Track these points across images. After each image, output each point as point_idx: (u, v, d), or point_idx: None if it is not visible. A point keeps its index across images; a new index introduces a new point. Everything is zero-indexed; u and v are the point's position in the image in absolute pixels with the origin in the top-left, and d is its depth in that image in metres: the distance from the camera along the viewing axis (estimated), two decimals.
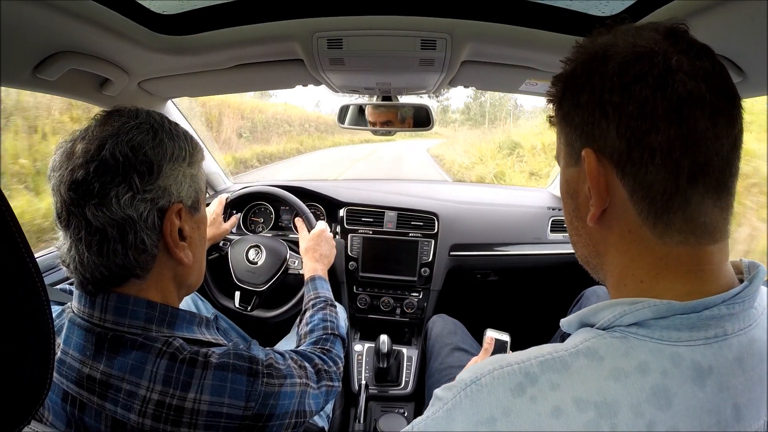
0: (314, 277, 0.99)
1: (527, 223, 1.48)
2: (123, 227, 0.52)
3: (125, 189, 0.51)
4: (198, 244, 0.62)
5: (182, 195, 0.57)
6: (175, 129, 0.58)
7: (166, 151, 0.55)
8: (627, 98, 0.35)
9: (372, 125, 1.32)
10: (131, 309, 0.53)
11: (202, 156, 0.63)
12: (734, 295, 0.34)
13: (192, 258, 0.59)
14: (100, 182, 0.50)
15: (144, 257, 0.54)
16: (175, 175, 0.56)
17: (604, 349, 0.34)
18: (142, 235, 0.53)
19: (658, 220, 0.36)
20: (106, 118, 0.55)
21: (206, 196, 1.33)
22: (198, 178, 0.61)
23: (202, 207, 0.63)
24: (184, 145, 0.58)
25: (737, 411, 0.33)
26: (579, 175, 0.40)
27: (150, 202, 0.53)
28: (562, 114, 0.41)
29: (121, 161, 0.51)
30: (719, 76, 0.35)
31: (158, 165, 0.54)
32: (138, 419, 0.50)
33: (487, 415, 0.34)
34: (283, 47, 0.87)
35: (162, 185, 0.54)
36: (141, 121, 0.55)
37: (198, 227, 0.62)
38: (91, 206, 0.50)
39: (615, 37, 0.38)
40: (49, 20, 0.64)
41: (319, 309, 0.88)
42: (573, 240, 0.45)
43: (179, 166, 0.57)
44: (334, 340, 0.81)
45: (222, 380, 0.53)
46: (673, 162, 0.34)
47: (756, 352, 0.34)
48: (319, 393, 0.67)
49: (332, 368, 0.73)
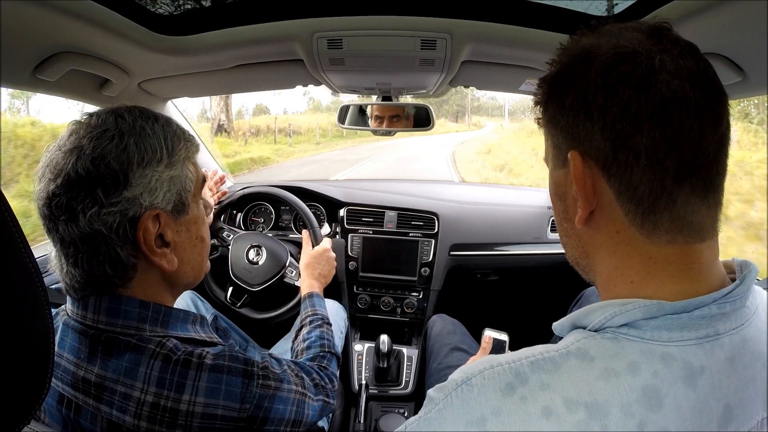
0: (312, 294, 0.98)
1: (527, 223, 1.48)
2: (93, 241, 0.50)
3: (90, 203, 0.49)
4: (189, 248, 0.60)
5: (157, 201, 0.54)
6: (151, 128, 0.54)
7: (133, 158, 0.52)
8: (611, 100, 0.35)
9: (379, 120, 1.32)
10: (124, 309, 0.53)
11: (188, 152, 0.58)
12: (725, 295, 0.34)
13: (176, 262, 0.57)
14: (67, 197, 0.49)
15: (120, 268, 0.53)
16: (146, 182, 0.52)
17: (594, 350, 0.34)
18: (114, 247, 0.51)
19: (646, 220, 0.36)
20: (75, 128, 0.53)
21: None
22: (180, 179, 0.56)
23: (191, 207, 0.59)
24: (159, 146, 0.54)
25: (729, 411, 0.33)
26: (566, 177, 0.40)
27: (119, 214, 0.51)
28: (548, 116, 0.41)
29: (83, 176, 0.49)
30: (704, 74, 0.35)
31: (124, 174, 0.51)
32: (133, 421, 0.50)
33: (477, 415, 0.34)
34: (284, 47, 0.87)
35: (130, 195, 0.51)
36: (107, 128, 0.52)
37: (187, 229, 0.59)
38: (61, 221, 0.50)
39: (598, 37, 0.38)
40: (49, 21, 0.64)
41: (317, 326, 0.88)
42: (563, 241, 0.45)
43: (152, 170, 0.53)
44: (331, 358, 0.81)
45: (217, 382, 0.53)
46: (659, 163, 0.34)
47: (748, 352, 0.34)
48: (316, 405, 0.67)
49: (329, 385, 0.73)
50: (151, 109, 0.58)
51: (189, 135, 0.59)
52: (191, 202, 0.59)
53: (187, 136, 0.59)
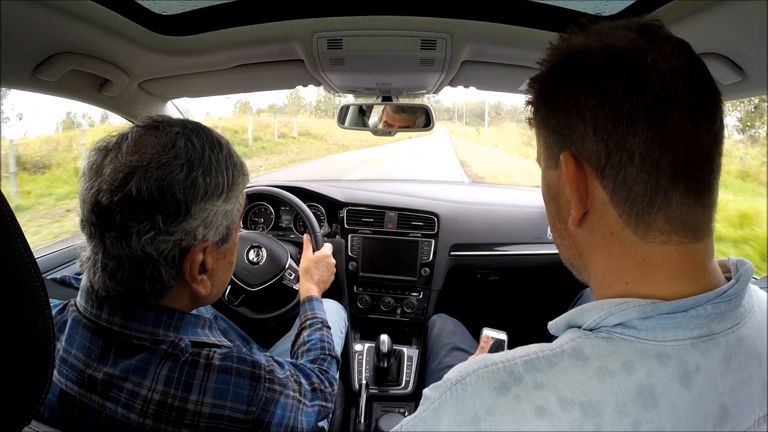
0: (311, 297, 0.99)
1: (527, 223, 1.48)
2: (140, 262, 0.50)
3: (147, 227, 0.49)
4: (221, 272, 0.60)
5: (209, 235, 0.54)
6: (216, 159, 0.53)
7: (198, 191, 0.51)
8: (602, 100, 0.34)
9: (388, 127, 1.32)
10: (140, 314, 0.53)
11: (244, 184, 0.58)
12: (720, 294, 0.34)
13: (210, 287, 0.58)
14: (122, 215, 0.48)
15: (159, 288, 0.53)
16: (205, 216, 0.52)
17: (589, 349, 0.34)
18: (159, 269, 0.51)
19: (640, 221, 0.35)
20: (141, 138, 0.51)
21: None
22: (232, 213, 0.57)
23: (232, 236, 0.60)
24: (222, 180, 0.53)
25: (725, 410, 0.33)
26: (559, 179, 0.39)
27: (172, 243, 0.51)
28: (540, 117, 0.41)
29: (146, 199, 0.48)
30: (696, 72, 0.34)
31: (186, 207, 0.50)
32: (139, 419, 0.50)
33: (471, 414, 0.34)
34: (284, 47, 0.87)
35: (188, 227, 0.51)
36: (177, 153, 0.50)
37: (224, 256, 0.60)
38: (110, 235, 0.49)
39: (588, 36, 0.37)
40: (49, 21, 0.64)
41: (317, 329, 0.88)
42: (557, 242, 0.45)
43: (212, 204, 0.53)
44: (331, 361, 0.81)
45: (225, 383, 0.53)
46: (653, 163, 0.34)
47: (744, 351, 0.34)
48: (311, 411, 0.66)
49: (328, 389, 0.73)
50: (215, 132, 0.57)
51: (244, 166, 0.59)
52: (234, 232, 0.60)
53: (244, 168, 0.59)
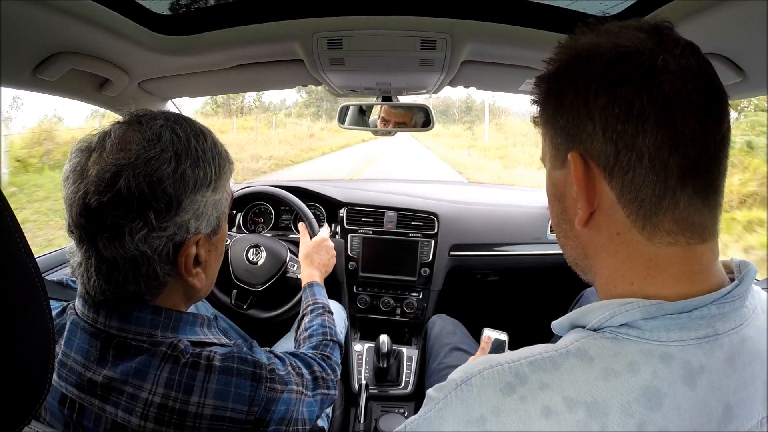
0: (312, 284, 0.99)
1: (527, 223, 1.48)
2: (135, 261, 0.50)
3: (140, 225, 0.48)
4: (213, 264, 0.60)
5: (201, 227, 0.54)
6: (202, 150, 0.53)
7: (188, 184, 0.51)
8: (613, 100, 0.34)
9: (385, 124, 1.32)
10: (136, 315, 0.53)
11: (230, 173, 0.58)
12: (724, 295, 0.34)
13: (205, 279, 0.58)
14: (113, 216, 0.48)
15: (155, 285, 0.53)
16: (195, 208, 0.52)
17: (594, 350, 0.34)
18: (155, 266, 0.51)
19: (647, 222, 0.35)
20: (125, 135, 0.51)
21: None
22: (221, 202, 0.57)
23: (222, 227, 0.60)
24: (210, 170, 0.53)
25: (729, 411, 0.33)
26: (566, 178, 0.39)
27: (165, 238, 0.51)
28: (547, 116, 0.41)
29: (137, 196, 0.48)
30: (705, 75, 0.35)
31: (177, 200, 0.50)
32: (139, 422, 0.50)
33: (477, 414, 0.34)
34: (284, 47, 0.87)
35: (180, 221, 0.51)
36: (163, 147, 0.50)
37: (216, 248, 0.60)
38: (102, 237, 0.48)
39: (598, 36, 0.38)
40: (49, 20, 0.64)
41: (318, 315, 0.88)
42: (561, 242, 0.45)
43: (202, 195, 0.53)
44: (333, 346, 0.81)
45: (226, 384, 0.53)
46: (662, 164, 0.34)
47: (748, 352, 0.34)
48: (313, 401, 0.66)
49: (330, 376, 0.72)
50: (197, 122, 0.57)
51: (229, 155, 0.59)
52: (223, 222, 0.60)
53: (230, 156, 0.59)
